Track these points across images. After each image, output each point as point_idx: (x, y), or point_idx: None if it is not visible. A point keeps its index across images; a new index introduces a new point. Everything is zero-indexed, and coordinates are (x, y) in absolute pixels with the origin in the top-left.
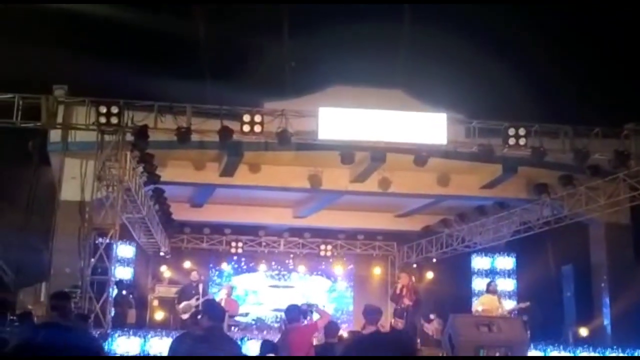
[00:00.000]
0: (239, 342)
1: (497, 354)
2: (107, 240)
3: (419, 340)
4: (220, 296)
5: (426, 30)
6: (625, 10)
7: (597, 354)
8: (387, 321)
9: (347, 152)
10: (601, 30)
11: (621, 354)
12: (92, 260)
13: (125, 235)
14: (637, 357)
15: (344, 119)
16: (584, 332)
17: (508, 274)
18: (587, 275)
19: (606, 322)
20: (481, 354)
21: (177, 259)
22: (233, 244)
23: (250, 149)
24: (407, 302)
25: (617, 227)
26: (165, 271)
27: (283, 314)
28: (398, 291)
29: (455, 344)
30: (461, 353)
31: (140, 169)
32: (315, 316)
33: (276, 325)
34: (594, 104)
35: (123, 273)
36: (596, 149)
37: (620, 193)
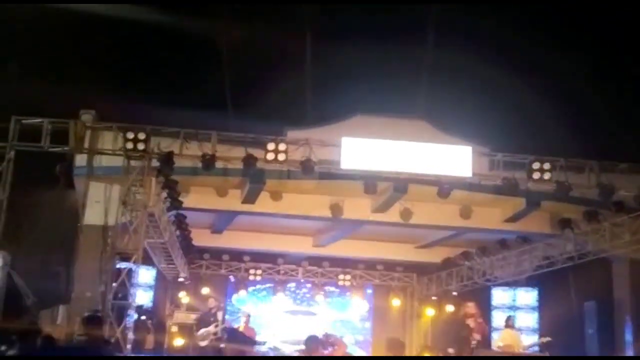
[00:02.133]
0: None
1: None
2: (130, 265)
3: None
4: (239, 324)
5: (451, 61)
6: None
7: None
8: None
9: (370, 182)
10: (629, 66)
11: None
12: (114, 285)
13: (145, 260)
14: None
15: (367, 149)
16: None
17: (529, 308)
18: (610, 312)
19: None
20: None
21: (195, 284)
22: (252, 271)
23: (273, 176)
24: (477, 337)
25: None
26: (184, 297)
27: (302, 345)
28: (468, 323)
29: None
30: None
31: (164, 194)
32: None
33: (295, 354)
34: (620, 139)
35: (142, 298)
36: (621, 185)
37: None
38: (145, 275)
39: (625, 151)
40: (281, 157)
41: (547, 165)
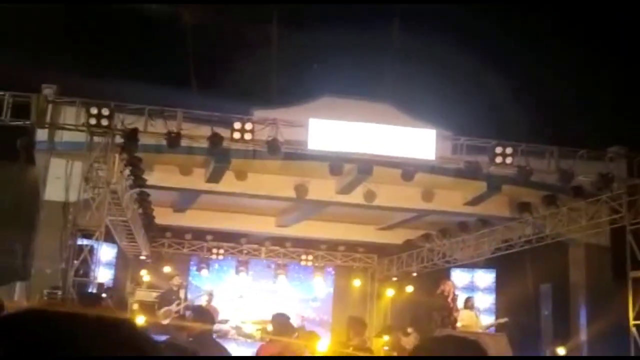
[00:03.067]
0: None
1: None
2: (92, 242)
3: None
4: (201, 302)
5: (417, 45)
6: (615, 37)
7: None
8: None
9: (335, 164)
10: (590, 55)
11: None
12: (75, 262)
13: (107, 238)
14: None
15: (333, 130)
16: (560, 350)
17: (487, 290)
18: (565, 294)
19: (582, 341)
20: None
21: (157, 263)
22: (214, 250)
23: (238, 156)
24: (456, 315)
25: (596, 249)
26: (145, 275)
27: (267, 324)
28: (446, 302)
29: None
30: None
31: (127, 171)
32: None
33: (256, 333)
34: (580, 126)
35: (103, 276)
36: (580, 171)
37: (602, 215)
38: (107, 252)
39: (585, 138)
40: (247, 136)
41: (509, 150)
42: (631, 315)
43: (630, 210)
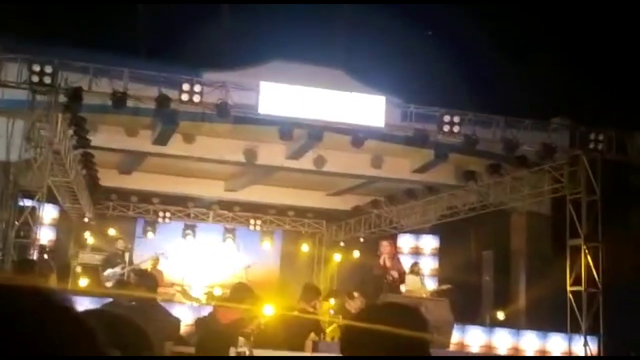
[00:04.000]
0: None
1: None
2: (33, 203)
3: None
4: (146, 266)
5: (368, 12)
6: (559, 8)
7: (512, 336)
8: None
9: (285, 128)
10: (535, 27)
11: (535, 336)
12: (17, 223)
13: (49, 199)
14: None
15: (284, 94)
16: (500, 315)
17: (431, 256)
18: (506, 261)
19: (522, 306)
20: None
21: (101, 225)
22: (161, 213)
23: (186, 118)
24: (394, 274)
25: (537, 217)
26: (89, 238)
27: (214, 289)
28: (382, 263)
29: None
30: None
31: (71, 132)
32: None
33: (203, 297)
34: (525, 96)
35: (45, 237)
36: (525, 140)
37: (544, 184)
38: (49, 214)
39: (530, 109)
40: (196, 98)
41: (456, 119)
42: (568, 281)
43: (571, 180)
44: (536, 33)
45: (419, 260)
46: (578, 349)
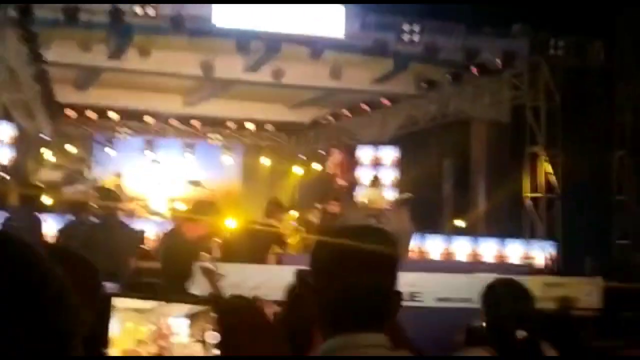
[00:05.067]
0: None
1: None
2: None
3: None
4: (107, 183)
5: None
6: None
7: (471, 243)
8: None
9: (243, 41)
10: None
11: (493, 243)
12: None
13: (5, 117)
14: None
15: (240, 6)
16: (460, 223)
17: (392, 167)
18: (467, 169)
19: (481, 214)
20: None
21: (60, 143)
22: (119, 129)
23: (141, 32)
24: (342, 182)
25: (497, 126)
26: (48, 155)
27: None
28: (330, 171)
29: None
30: None
31: (24, 48)
32: None
33: (166, 211)
34: (485, 3)
35: (3, 156)
36: (485, 48)
37: (504, 92)
38: (7, 133)
39: (490, 16)
40: (150, 11)
41: (416, 28)
42: (527, 188)
43: (531, 87)
44: None
45: (379, 171)
46: (536, 254)
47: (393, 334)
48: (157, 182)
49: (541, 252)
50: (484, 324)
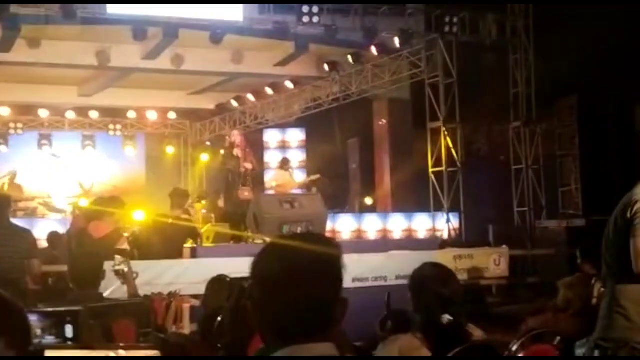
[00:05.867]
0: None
1: (299, 229)
2: None
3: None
4: (3, 182)
5: None
6: None
7: (380, 219)
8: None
9: (138, 28)
10: None
11: (401, 218)
12: None
13: None
14: None
15: None
16: (368, 200)
17: (298, 148)
18: (371, 147)
19: (387, 190)
20: (284, 230)
21: None
22: (12, 124)
23: (29, 22)
24: (247, 165)
25: (399, 103)
26: None
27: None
28: (234, 153)
29: (260, 221)
30: (266, 230)
31: None
32: None
33: (68, 208)
34: None
35: None
36: (383, 28)
37: (403, 70)
38: None
39: None
40: None
41: (315, 9)
42: (430, 162)
43: (429, 64)
44: None
45: (287, 153)
46: (441, 226)
47: (337, 338)
48: (57, 178)
49: (446, 224)
50: (411, 310)
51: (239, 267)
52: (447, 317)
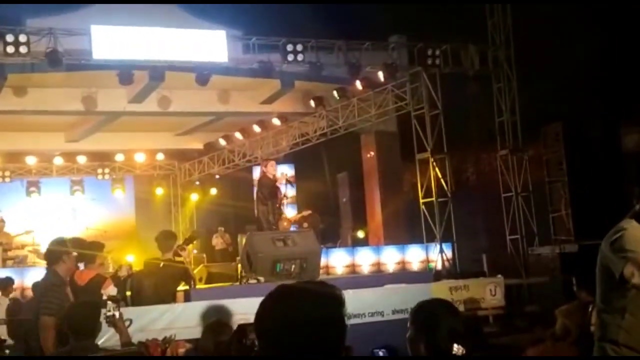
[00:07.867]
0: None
1: (293, 267)
2: None
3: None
4: None
5: None
6: None
7: (374, 252)
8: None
9: (124, 72)
10: None
11: (394, 250)
12: None
13: None
14: None
15: (118, 36)
16: (360, 234)
17: (287, 183)
18: (360, 180)
19: (379, 223)
20: (278, 269)
21: None
22: None
23: (15, 70)
24: (285, 192)
25: (386, 135)
26: None
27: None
28: (272, 176)
29: (253, 260)
30: (259, 268)
31: None
32: None
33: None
34: (362, 18)
35: None
36: (367, 62)
37: (389, 103)
38: None
39: (368, 30)
40: (23, 49)
41: (299, 47)
42: (420, 194)
43: (414, 96)
44: None
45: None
46: (434, 257)
47: None
48: (46, 224)
49: (439, 254)
50: (423, 345)
51: (233, 308)
52: (460, 348)
